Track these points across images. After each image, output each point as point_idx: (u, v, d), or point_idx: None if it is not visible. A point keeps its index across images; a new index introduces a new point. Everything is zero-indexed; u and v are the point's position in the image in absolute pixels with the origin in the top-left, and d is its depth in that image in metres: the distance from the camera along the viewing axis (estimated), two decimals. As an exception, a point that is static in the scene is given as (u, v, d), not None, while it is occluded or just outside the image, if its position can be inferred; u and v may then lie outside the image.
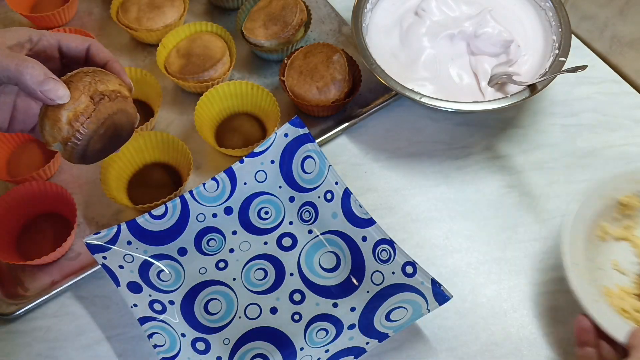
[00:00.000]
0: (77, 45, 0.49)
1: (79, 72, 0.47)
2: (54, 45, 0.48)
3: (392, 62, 0.69)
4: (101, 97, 0.46)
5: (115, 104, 0.47)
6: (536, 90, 0.63)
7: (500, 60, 0.68)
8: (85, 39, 0.50)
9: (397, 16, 0.73)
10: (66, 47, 0.49)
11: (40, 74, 0.43)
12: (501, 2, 0.73)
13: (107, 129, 0.48)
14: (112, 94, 0.47)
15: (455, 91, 0.67)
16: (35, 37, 0.47)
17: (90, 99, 0.46)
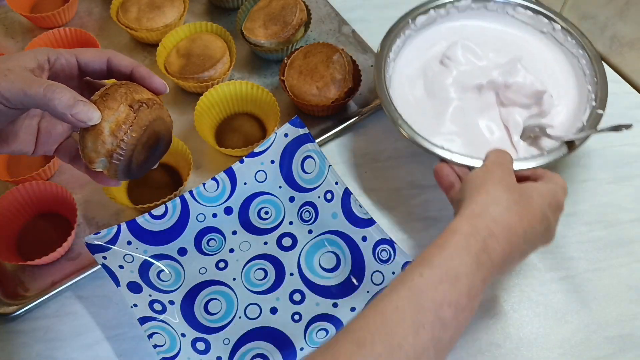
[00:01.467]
0: (96, 59, 0.47)
1: (113, 86, 0.46)
2: (72, 62, 0.47)
3: (418, 114, 0.65)
4: (140, 104, 0.45)
5: (154, 110, 0.46)
6: (574, 147, 0.59)
7: (532, 112, 0.64)
8: (102, 51, 0.48)
9: (421, 65, 0.69)
10: (84, 63, 0.47)
11: (69, 98, 0.42)
12: (530, 49, 0.70)
13: (149, 137, 0.47)
14: (149, 101, 0.46)
15: (486, 146, 0.61)
16: (52, 57, 0.45)
17: (130, 107, 0.45)
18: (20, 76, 0.42)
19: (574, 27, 0.67)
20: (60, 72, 0.46)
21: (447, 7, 0.70)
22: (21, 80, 0.41)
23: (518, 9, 0.70)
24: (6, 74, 0.41)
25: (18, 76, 0.41)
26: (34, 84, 0.41)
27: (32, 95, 0.41)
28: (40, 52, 0.45)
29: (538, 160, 0.58)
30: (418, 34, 0.70)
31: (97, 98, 0.45)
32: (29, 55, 0.44)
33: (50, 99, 0.41)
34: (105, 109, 0.44)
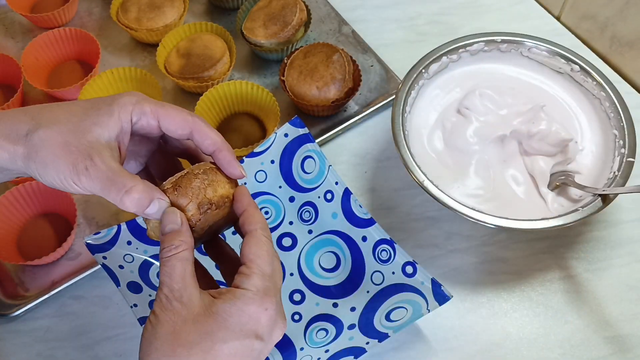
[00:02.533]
0: (178, 129, 0.43)
1: (189, 174, 0.42)
2: (153, 125, 0.43)
3: (440, 170, 0.62)
4: (209, 206, 0.42)
5: (222, 210, 0.43)
6: (609, 201, 0.56)
7: (557, 160, 0.62)
8: (188, 120, 0.43)
9: (439, 116, 0.66)
10: (166, 129, 0.43)
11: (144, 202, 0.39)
12: (548, 91, 0.67)
13: (207, 234, 0.45)
14: (220, 200, 0.42)
15: (513, 199, 0.61)
16: (135, 117, 0.42)
17: (198, 208, 0.41)
18: (101, 175, 0.38)
19: (593, 67, 0.65)
20: (139, 131, 0.43)
21: (459, 52, 0.67)
22: (101, 180, 0.38)
23: (533, 50, 0.67)
24: (87, 165, 0.38)
25: (98, 174, 0.38)
26: (112, 190, 0.38)
27: (109, 199, 0.39)
28: (124, 110, 0.41)
29: (573, 216, 0.56)
30: (431, 82, 0.67)
31: (169, 186, 0.42)
32: (113, 117, 0.40)
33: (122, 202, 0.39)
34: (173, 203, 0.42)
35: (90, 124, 0.40)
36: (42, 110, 0.41)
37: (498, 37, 0.67)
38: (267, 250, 0.41)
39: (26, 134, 0.39)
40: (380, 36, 0.80)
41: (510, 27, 0.74)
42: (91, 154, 0.38)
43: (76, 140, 0.39)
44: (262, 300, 0.39)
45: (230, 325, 0.38)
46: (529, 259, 0.63)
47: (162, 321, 0.38)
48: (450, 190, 0.61)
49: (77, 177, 0.38)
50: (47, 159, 0.39)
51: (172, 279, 0.39)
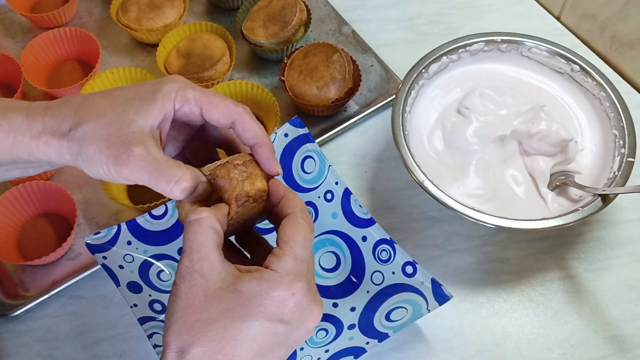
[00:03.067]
0: (221, 118, 0.42)
1: (227, 164, 0.41)
2: (196, 113, 0.42)
3: (440, 169, 0.62)
4: (246, 199, 0.41)
5: (258, 204, 0.42)
6: (609, 201, 0.56)
7: (557, 160, 0.62)
8: (231, 110, 0.42)
9: (439, 116, 0.66)
10: (208, 118, 0.42)
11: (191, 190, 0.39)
12: (548, 91, 0.67)
13: (241, 227, 0.44)
14: (257, 194, 0.42)
15: (513, 199, 0.61)
16: (178, 104, 0.41)
17: (235, 200, 0.40)
18: (146, 165, 0.38)
19: (593, 67, 0.65)
20: (181, 118, 0.42)
21: (459, 52, 0.67)
22: (147, 171, 0.38)
23: (533, 50, 0.67)
24: (130, 156, 0.38)
25: (143, 164, 0.38)
26: (161, 181, 0.38)
27: (157, 190, 0.39)
28: (168, 98, 0.41)
29: (573, 216, 0.56)
30: (431, 82, 0.67)
31: (207, 174, 0.41)
32: (156, 106, 0.40)
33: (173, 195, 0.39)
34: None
35: (133, 114, 0.39)
36: (85, 102, 0.41)
37: (498, 37, 0.67)
38: (304, 234, 0.39)
39: (69, 129, 0.40)
40: (380, 36, 0.80)
41: (510, 27, 0.74)
42: (134, 144, 0.38)
43: (118, 131, 0.39)
44: (290, 284, 0.37)
45: (252, 305, 0.36)
46: (529, 259, 0.63)
47: (181, 293, 0.37)
48: (450, 190, 0.61)
49: (119, 168, 0.38)
50: (90, 152, 0.39)
51: (193, 247, 0.37)
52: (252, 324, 0.36)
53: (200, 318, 0.36)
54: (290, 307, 0.37)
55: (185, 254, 0.37)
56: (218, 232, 0.38)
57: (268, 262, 0.38)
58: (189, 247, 0.37)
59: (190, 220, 0.38)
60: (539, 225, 0.56)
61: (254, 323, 0.36)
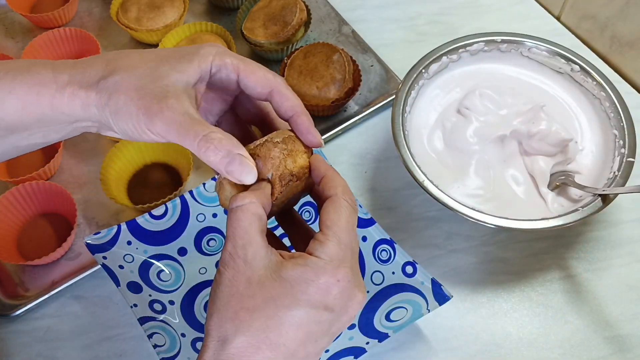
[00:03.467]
0: (257, 86, 0.40)
1: (267, 143, 0.39)
2: (232, 79, 0.40)
3: (440, 169, 0.62)
4: (290, 178, 0.39)
5: (301, 182, 0.40)
6: (609, 201, 0.56)
7: (557, 160, 0.62)
8: (269, 79, 0.40)
9: (439, 116, 0.66)
10: (245, 85, 0.40)
11: (224, 156, 0.36)
12: (548, 91, 0.67)
13: (284, 207, 0.42)
14: (300, 171, 0.40)
15: (513, 199, 0.61)
16: (215, 67, 0.40)
17: (280, 180, 0.38)
18: (178, 118, 0.36)
19: (593, 67, 0.65)
20: (217, 83, 0.41)
21: (459, 52, 0.67)
22: (176, 125, 0.36)
23: (533, 50, 0.67)
24: (162, 108, 0.36)
25: (175, 117, 0.36)
26: (189, 135, 0.36)
27: (185, 145, 0.37)
28: (205, 60, 0.39)
29: (573, 216, 0.56)
30: (431, 82, 0.67)
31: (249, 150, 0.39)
32: (193, 65, 0.39)
33: (204, 154, 0.36)
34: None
35: (169, 68, 0.38)
36: (117, 55, 0.39)
37: (498, 37, 0.67)
38: (347, 217, 0.38)
39: (99, 79, 0.38)
40: (380, 36, 0.80)
41: (510, 27, 0.74)
42: (166, 96, 0.36)
43: (151, 83, 0.37)
44: (335, 271, 0.36)
45: (297, 292, 0.35)
46: (529, 259, 0.63)
47: (224, 280, 0.35)
48: (450, 190, 0.61)
49: (150, 121, 0.36)
50: (120, 102, 0.37)
51: (236, 232, 0.36)
52: (296, 312, 0.35)
53: (244, 306, 0.35)
54: (335, 294, 0.36)
55: (229, 241, 0.36)
56: (262, 218, 0.37)
57: (311, 249, 0.37)
58: (232, 233, 0.36)
59: (234, 207, 0.36)
60: (539, 225, 0.56)
61: (298, 311, 0.35)
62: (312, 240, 0.37)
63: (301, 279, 0.35)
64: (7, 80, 0.39)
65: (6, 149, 0.41)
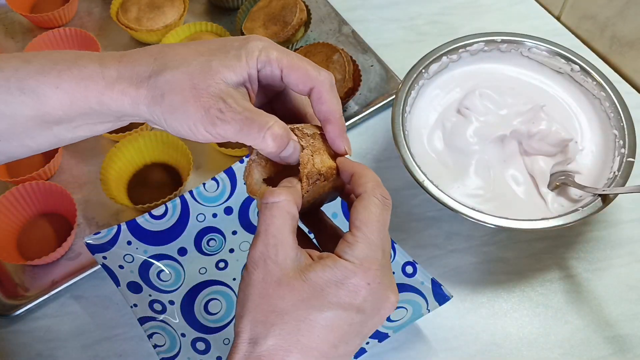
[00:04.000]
0: (299, 82, 0.39)
1: (295, 130, 0.39)
2: (276, 76, 0.39)
3: (440, 169, 0.62)
4: (318, 177, 0.38)
5: (329, 183, 0.40)
6: (609, 201, 0.56)
7: (557, 160, 0.62)
8: (310, 77, 0.39)
9: (439, 116, 0.66)
10: (287, 81, 0.39)
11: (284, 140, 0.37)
12: (548, 91, 0.67)
13: (311, 207, 0.42)
14: (328, 171, 0.39)
15: (513, 199, 0.61)
16: (261, 64, 0.39)
17: (307, 178, 0.38)
18: (238, 116, 0.36)
19: (593, 67, 0.65)
20: (262, 80, 0.40)
21: (459, 52, 0.67)
22: (239, 122, 0.36)
23: (533, 50, 0.67)
24: (221, 109, 0.36)
25: (235, 116, 0.36)
26: (253, 129, 0.36)
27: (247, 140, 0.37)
28: (252, 56, 0.38)
29: (573, 216, 0.56)
30: (431, 82, 0.67)
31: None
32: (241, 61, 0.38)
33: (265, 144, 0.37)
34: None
35: (219, 65, 0.37)
36: (164, 49, 0.39)
37: (498, 37, 0.67)
38: (377, 215, 0.37)
39: (149, 76, 0.37)
40: (380, 36, 0.80)
41: (510, 27, 0.74)
42: (223, 97, 0.36)
43: (204, 82, 0.36)
44: (364, 274, 0.35)
45: (327, 295, 0.34)
46: (529, 259, 0.63)
47: (254, 281, 0.35)
48: (450, 190, 0.60)
49: (210, 122, 0.36)
50: (175, 103, 0.36)
51: (268, 232, 0.35)
52: (327, 315, 0.34)
53: (275, 309, 0.34)
54: (365, 296, 0.35)
55: (260, 239, 0.35)
56: (294, 217, 0.36)
57: (340, 250, 0.36)
58: (264, 230, 0.35)
59: (268, 202, 0.36)
60: (539, 225, 0.56)
61: (329, 314, 0.34)
62: (341, 241, 0.36)
63: (331, 281, 0.35)
64: (54, 75, 0.38)
65: (50, 140, 0.41)
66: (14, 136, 0.40)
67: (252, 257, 0.35)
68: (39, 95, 0.38)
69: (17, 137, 0.40)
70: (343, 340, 0.35)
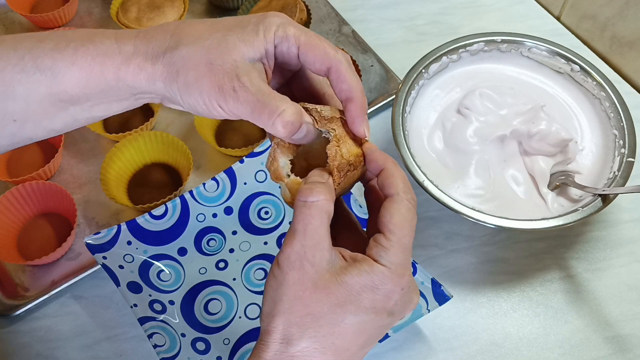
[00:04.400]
0: (316, 61, 0.38)
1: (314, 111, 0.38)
2: (292, 53, 0.38)
3: (440, 169, 0.62)
4: (348, 168, 0.37)
5: (357, 171, 0.39)
6: (609, 201, 0.56)
7: (557, 160, 0.62)
8: (328, 55, 0.38)
9: (439, 116, 0.66)
10: (303, 60, 0.39)
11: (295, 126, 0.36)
12: (549, 91, 0.67)
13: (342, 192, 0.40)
14: (356, 160, 0.38)
15: (513, 199, 0.61)
16: (278, 39, 0.38)
17: (338, 172, 0.37)
18: (250, 97, 0.36)
19: (593, 67, 0.65)
20: (279, 56, 0.39)
21: (459, 52, 0.67)
22: (251, 103, 0.36)
23: (533, 50, 0.67)
24: (235, 87, 0.36)
25: (248, 96, 0.36)
26: (264, 113, 0.36)
27: (258, 123, 0.37)
28: (269, 30, 0.37)
29: (573, 216, 0.56)
30: (431, 82, 0.67)
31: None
32: (259, 36, 0.37)
33: (274, 129, 0.36)
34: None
35: (236, 39, 0.37)
36: (180, 25, 0.38)
37: (498, 37, 0.67)
38: (410, 220, 0.36)
39: (164, 52, 0.37)
40: (380, 36, 0.80)
41: (510, 27, 0.74)
42: (238, 74, 0.36)
43: (220, 58, 0.36)
44: (399, 279, 0.35)
45: (362, 300, 0.35)
46: (529, 259, 0.63)
47: (288, 282, 0.35)
48: (450, 190, 0.61)
49: (223, 99, 0.36)
50: (190, 79, 0.36)
51: (307, 232, 0.35)
52: (361, 319, 0.35)
53: (311, 312, 0.34)
54: (397, 300, 0.36)
55: (297, 238, 0.35)
56: (331, 216, 0.36)
57: (375, 254, 0.35)
58: (302, 230, 0.35)
59: (307, 201, 0.35)
60: (539, 225, 0.56)
61: (364, 317, 0.35)
62: (375, 245, 0.36)
63: (367, 286, 0.35)
64: (69, 52, 0.38)
65: (67, 121, 0.40)
66: (29, 117, 0.39)
67: (287, 257, 0.35)
68: (54, 73, 0.37)
69: (32, 117, 0.39)
70: (370, 340, 0.36)
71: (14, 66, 0.37)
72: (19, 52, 0.38)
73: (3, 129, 0.39)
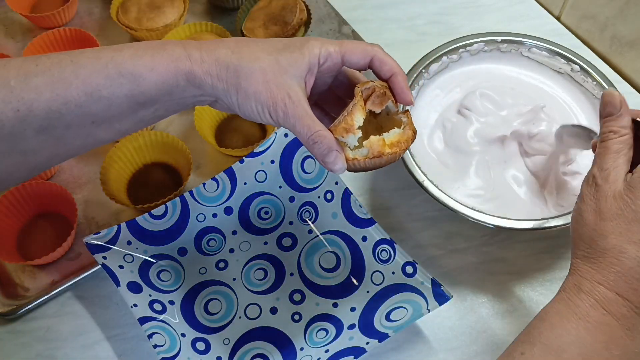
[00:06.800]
0: (360, 60, 0.46)
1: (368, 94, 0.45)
2: (337, 63, 0.46)
3: (440, 170, 0.62)
4: (380, 154, 0.43)
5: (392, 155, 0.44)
6: None
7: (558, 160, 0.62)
8: (367, 51, 0.46)
9: (439, 116, 0.66)
10: (348, 63, 0.46)
11: (325, 149, 0.42)
12: (549, 92, 0.67)
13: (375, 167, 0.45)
14: (397, 146, 0.44)
15: (514, 200, 0.61)
16: (323, 58, 0.45)
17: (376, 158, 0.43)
18: (297, 113, 0.42)
19: (593, 67, 0.65)
20: (325, 71, 0.46)
21: (459, 52, 0.67)
22: (295, 117, 0.42)
23: (533, 50, 0.67)
24: (286, 103, 0.42)
25: (295, 112, 0.42)
26: (304, 129, 0.42)
27: (296, 133, 0.43)
28: (313, 54, 0.44)
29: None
30: (431, 82, 0.67)
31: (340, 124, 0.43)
32: (304, 59, 0.44)
33: (311, 146, 0.43)
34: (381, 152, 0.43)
35: (286, 64, 0.43)
36: (239, 44, 0.44)
37: (498, 37, 0.67)
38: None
39: (228, 66, 0.43)
40: (380, 36, 0.80)
41: (510, 27, 0.74)
42: (289, 93, 0.42)
43: (275, 78, 0.42)
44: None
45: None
46: (529, 259, 0.63)
47: (585, 199, 0.43)
48: (450, 190, 0.60)
49: (275, 111, 0.42)
50: (250, 92, 0.42)
51: (603, 158, 0.43)
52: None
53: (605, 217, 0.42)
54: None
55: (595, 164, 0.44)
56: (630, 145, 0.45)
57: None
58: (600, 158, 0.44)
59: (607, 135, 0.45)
60: (539, 225, 0.56)
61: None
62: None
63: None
64: (148, 58, 0.42)
65: (135, 122, 0.45)
66: (106, 119, 0.43)
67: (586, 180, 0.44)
68: (135, 77, 0.42)
69: (109, 120, 0.43)
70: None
71: (99, 73, 0.42)
72: (102, 59, 0.43)
73: (80, 129, 0.43)
